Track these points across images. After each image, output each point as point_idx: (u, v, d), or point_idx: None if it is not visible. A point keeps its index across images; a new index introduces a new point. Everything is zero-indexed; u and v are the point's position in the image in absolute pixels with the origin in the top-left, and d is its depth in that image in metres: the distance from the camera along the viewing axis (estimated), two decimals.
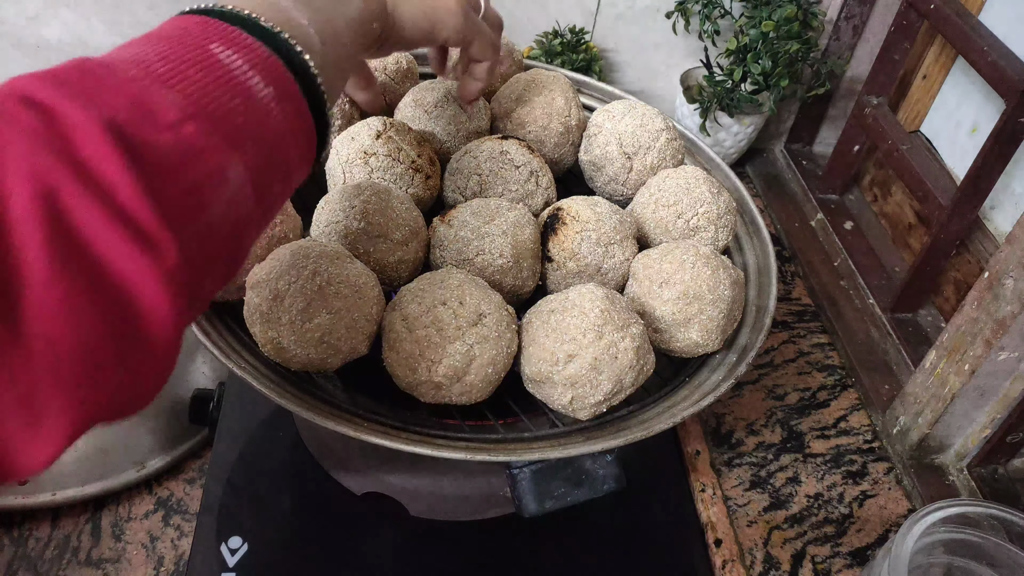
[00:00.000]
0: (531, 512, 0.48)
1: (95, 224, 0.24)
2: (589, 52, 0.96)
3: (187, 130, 0.27)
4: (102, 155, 0.24)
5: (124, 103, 0.26)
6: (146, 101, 0.27)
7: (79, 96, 0.25)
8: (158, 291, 0.25)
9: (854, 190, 1.01)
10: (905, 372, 0.78)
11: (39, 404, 0.23)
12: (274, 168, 0.32)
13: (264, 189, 0.31)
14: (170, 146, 0.26)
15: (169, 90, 0.28)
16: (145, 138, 0.26)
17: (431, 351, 0.47)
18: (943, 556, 0.55)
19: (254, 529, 0.59)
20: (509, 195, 0.59)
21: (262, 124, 0.31)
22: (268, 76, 0.31)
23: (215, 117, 0.29)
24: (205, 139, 0.28)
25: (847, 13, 0.95)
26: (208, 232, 0.28)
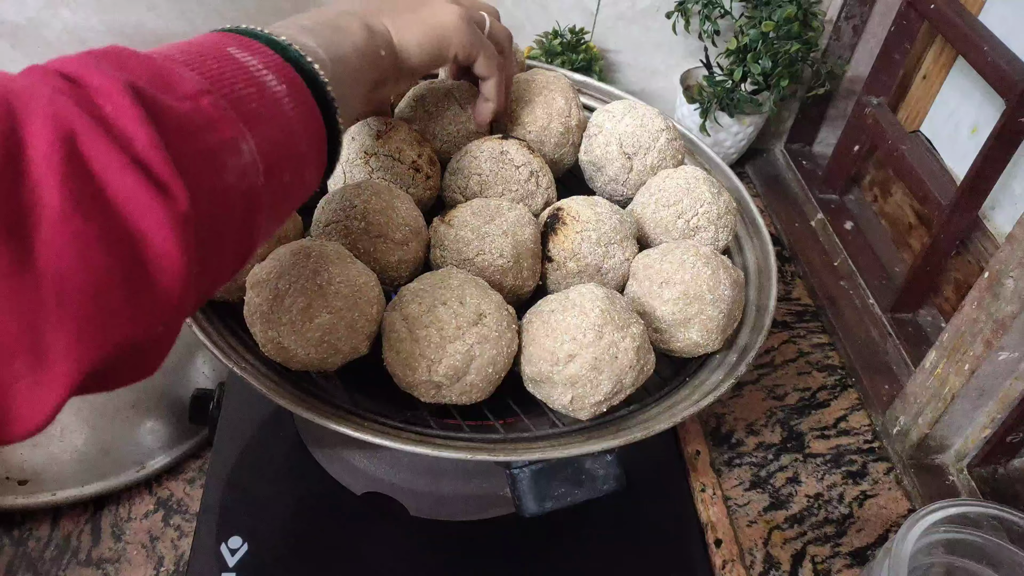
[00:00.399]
0: (531, 512, 0.48)
1: (111, 166, 0.25)
2: (589, 52, 0.96)
3: (203, 102, 0.29)
4: (122, 110, 0.26)
5: (145, 74, 0.28)
6: (165, 75, 0.29)
7: (103, 66, 0.27)
8: (168, 235, 0.26)
9: (854, 190, 1.01)
10: (905, 372, 0.78)
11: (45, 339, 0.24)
12: (284, 154, 0.33)
13: (275, 172, 0.33)
14: (187, 113, 0.28)
15: (188, 69, 0.30)
16: (164, 102, 0.27)
17: (431, 351, 0.47)
18: (943, 556, 0.55)
19: (254, 529, 0.59)
20: (509, 195, 0.59)
21: (274, 112, 0.32)
22: (281, 76, 0.34)
23: (230, 97, 0.30)
24: (220, 112, 0.29)
25: (847, 13, 0.95)
26: (220, 194, 0.29)
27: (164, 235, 0.26)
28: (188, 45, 0.33)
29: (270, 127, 0.32)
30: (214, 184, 0.29)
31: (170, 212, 0.26)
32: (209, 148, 0.29)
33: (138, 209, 0.25)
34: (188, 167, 0.27)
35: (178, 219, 0.26)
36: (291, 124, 0.34)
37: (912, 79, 0.91)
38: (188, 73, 0.30)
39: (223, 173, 0.29)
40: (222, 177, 0.29)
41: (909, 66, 0.90)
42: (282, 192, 0.34)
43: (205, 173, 0.28)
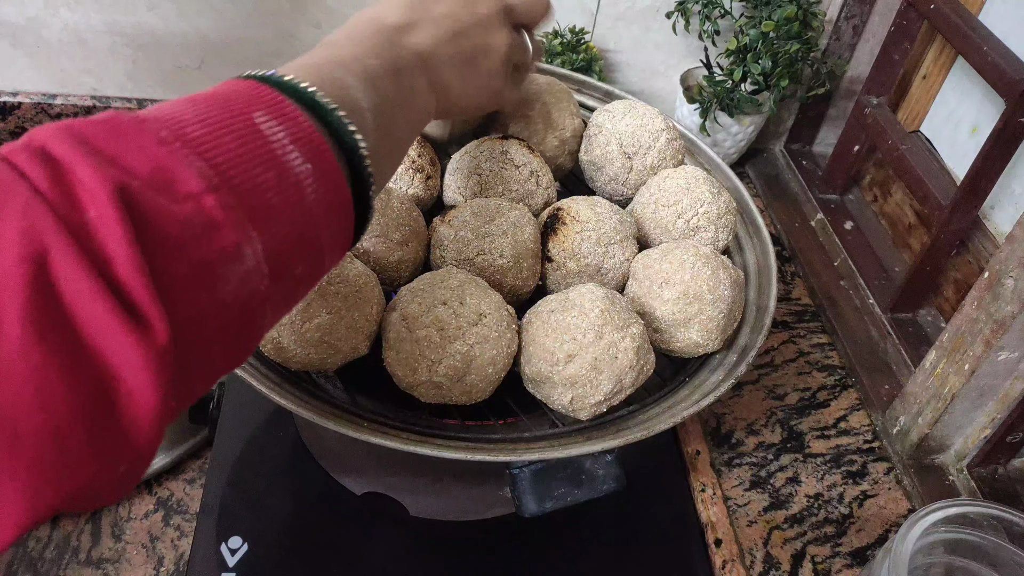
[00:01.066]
0: (531, 512, 0.48)
1: (82, 293, 0.22)
2: (589, 52, 0.96)
3: (207, 202, 0.26)
4: (105, 221, 0.23)
5: (144, 167, 0.25)
6: (168, 167, 0.25)
7: (97, 155, 0.24)
8: (142, 372, 0.23)
9: (854, 190, 1.01)
10: (905, 372, 0.78)
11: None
12: (299, 249, 0.30)
13: (284, 270, 0.29)
14: (184, 218, 0.25)
15: (197, 156, 0.26)
16: (158, 208, 0.24)
17: (431, 351, 0.47)
18: (943, 556, 0.55)
19: (254, 529, 0.59)
20: (509, 195, 0.59)
21: (292, 201, 0.29)
22: (309, 152, 0.30)
23: (241, 191, 0.27)
24: (225, 213, 0.26)
25: (847, 13, 0.95)
26: (212, 312, 0.26)
27: (137, 373, 0.23)
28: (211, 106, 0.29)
29: (284, 221, 0.29)
30: (207, 300, 0.26)
31: (145, 348, 0.23)
32: (205, 259, 0.25)
33: (109, 343, 0.22)
34: (177, 285, 0.25)
35: (154, 355, 0.23)
36: (311, 212, 0.30)
37: (912, 79, 0.91)
38: (196, 163, 0.26)
39: (219, 286, 0.26)
40: (217, 291, 0.26)
41: (909, 66, 0.90)
42: (293, 286, 0.31)
43: (197, 289, 0.25)
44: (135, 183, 0.24)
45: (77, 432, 0.22)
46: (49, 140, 0.24)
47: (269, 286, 0.28)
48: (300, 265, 0.31)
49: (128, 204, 0.24)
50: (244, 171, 0.27)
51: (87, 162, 0.24)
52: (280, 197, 0.28)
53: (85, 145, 0.24)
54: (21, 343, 0.21)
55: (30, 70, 0.94)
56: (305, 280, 0.32)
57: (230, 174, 0.27)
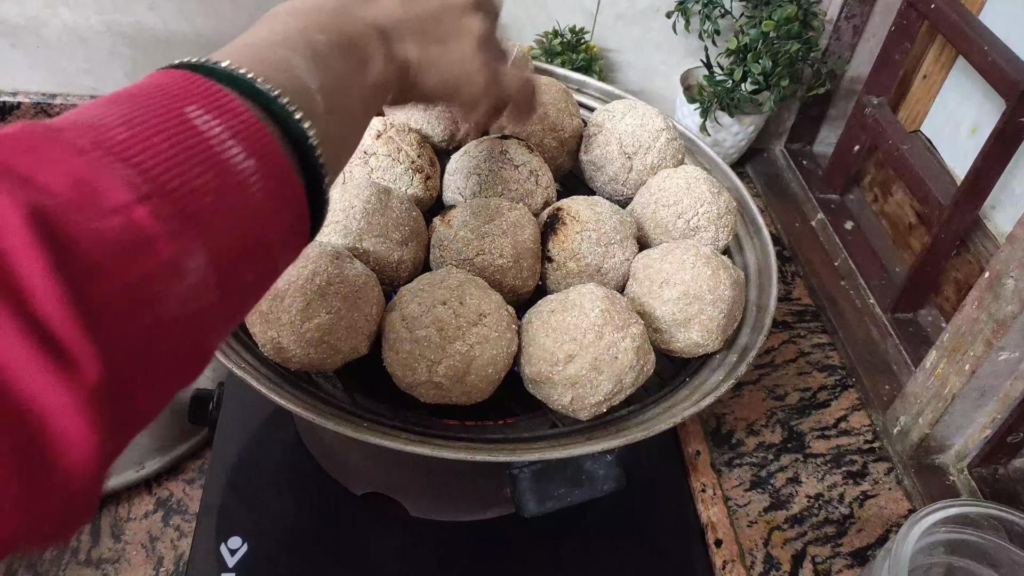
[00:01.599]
0: (531, 512, 0.48)
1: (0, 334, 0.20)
2: (589, 52, 0.96)
3: (137, 214, 0.23)
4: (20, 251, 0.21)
5: (61, 183, 0.22)
6: (91, 180, 0.23)
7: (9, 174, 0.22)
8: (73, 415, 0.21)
9: (854, 190, 1.01)
10: (905, 372, 0.78)
11: None
12: (247, 254, 0.28)
13: (232, 279, 0.27)
14: (112, 235, 0.23)
15: (123, 164, 0.24)
16: (81, 228, 0.22)
17: (431, 351, 0.47)
18: (943, 556, 0.55)
19: (254, 529, 0.59)
20: (509, 195, 0.59)
21: (236, 203, 0.27)
22: (252, 146, 0.27)
23: (176, 196, 0.24)
24: (159, 224, 0.24)
25: (847, 13, 0.95)
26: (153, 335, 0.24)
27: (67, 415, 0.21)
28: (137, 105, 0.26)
29: (229, 226, 0.26)
30: (146, 323, 0.24)
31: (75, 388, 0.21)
32: (141, 278, 0.23)
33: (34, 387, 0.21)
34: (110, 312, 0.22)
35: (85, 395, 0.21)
36: (258, 212, 0.28)
37: (912, 79, 0.91)
38: (122, 171, 0.23)
39: (160, 305, 0.24)
40: (157, 311, 0.24)
41: (909, 66, 0.90)
42: (244, 295, 0.29)
43: (134, 313, 0.23)
44: (52, 202, 0.22)
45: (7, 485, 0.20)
46: None
47: (218, 299, 0.26)
48: (250, 272, 0.28)
49: (45, 228, 0.21)
50: (179, 175, 0.25)
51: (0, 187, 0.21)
52: (222, 200, 0.26)
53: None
54: None
55: (30, 70, 0.94)
56: (257, 287, 0.30)
57: (162, 179, 0.24)
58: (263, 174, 0.27)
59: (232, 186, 0.26)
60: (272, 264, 0.30)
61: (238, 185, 0.27)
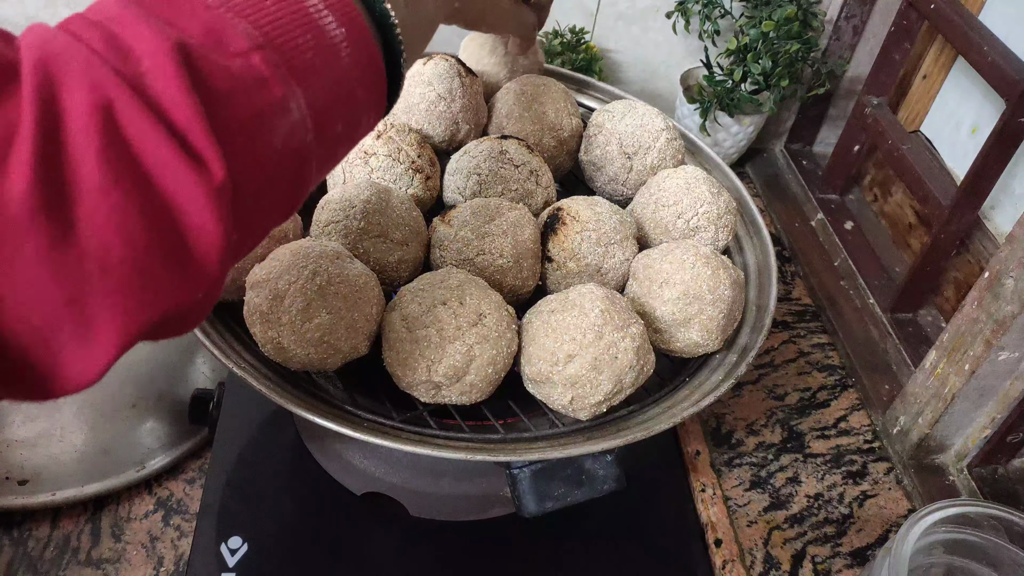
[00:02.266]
0: (531, 512, 0.48)
1: (147, 138, 0.25)
2: (589, 52, 0.96)
3: (254, 60, 0.28)
4: (164, 75, 0.25)
5: (197, 28, 0.27)
6: (218, 28, 0.28)
7: (152, 18, 0.27)
8: (204, 208, 0.26)
9: (854, 190, 1.01)
10: (905, 372, 0.78)
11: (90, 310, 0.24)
12: (338, 107, 0.32)
13: (326, 126, 0.32)
14: (236, 73, 0.27)
15: (242, 20, 0.29)
16: (212, 62, 0.27)
17: (431, 351, 0.47)
18: (943, 556, 0.55)
19: (254, 529, 0.59)
20: (509, 194, 0.59)
21: (330, 62, 0.31)
22: (342, 18, 0.32)
23: (283, 50, 0.29)
24: (271, 70, 0.28)
25: (847, 13, 0.95)
26: (265, 158, 0.29)
27: (200, 209, 0.26)
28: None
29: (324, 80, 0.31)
30: (260, 148, 0.29)
31: (205, 185, 0.26)
32: (257, 110, 0.28)
33: (174, 182, 0.25)
34: (233, 132, 0.27)
35: (213, 192, 0.26)
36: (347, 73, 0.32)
37: (912, 79, 0.91)
38: (241, 25, 0.29)
39: (270, 135, 0.29)
40: (269, 140, 0.29)
41: (909, 66, 0.90)
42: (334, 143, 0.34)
43: (251, 137, 0.28)
44: (190, 41, 0.27)
45: (156, 262, 0.25)
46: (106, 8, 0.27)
47: (314, 140, 0.31)
48: (340, 123, 0.33)
49: (187, 58, 0.26)
50: (285, 32, 0.30)
51: (144, 24, 0.26)
52: (319, 57, 0.31)
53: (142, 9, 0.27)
54: (102, 185, 0.24)
55: None
56: (344, 140, 0.34)
57: (273, 35, 0.29)
58: (351, 41, 0.32)
59: (326, 47, 0.31)
60: (356, 121, 0.35)
61: (331, 47, 0.31)
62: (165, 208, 0.25)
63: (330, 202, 0.54)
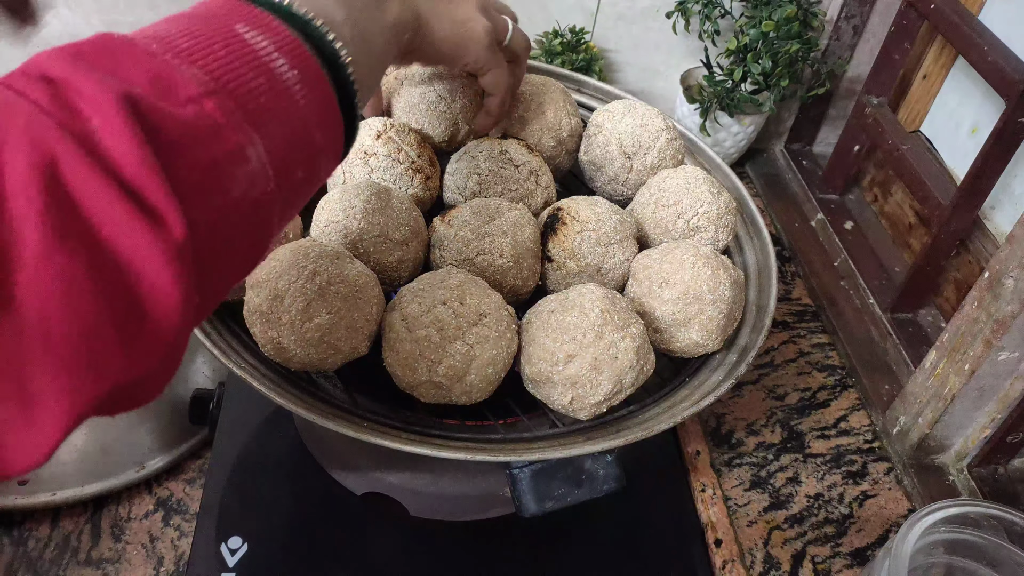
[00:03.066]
0: (531, 512, 0.48)
1: (96, 196, 0.23)
2: (589, 52, 0.96)
3: (207, 106, 0.27)
4: (112, 127, 0.24)
5: (143, 77, 0.26)
6: (166, 76, 0.26)
7: (96, 69, 0.25)
8: (162, 267, 0.24)
9: (854, 190, 1.01)
10: (905, 372, 0.78)
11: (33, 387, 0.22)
12: (297, 152, 0.31)
13: (286, 172, 0.31)
14: (188, 121, 0.26)
15: (191, 65, 0.27)
16: (163, 111, 0.25)
17: (431, 351, 0.47)
18: (943, 556, 0.55)
19: (254, 529, 0.59)
20: (509, 194, 0.59)
21: (285, 106, 0.30)
22: (294, 60, 0.31)
23: (236, 95, 0.28)
24: (225, 116, 0.27)
25: (847, 13, 0.95)
26: (224, 212, 0.27)
27: (157, 269, 0.24)
28: (191, 22, 0.30)
29: (281, 124, 0.30)
30: (218, 200, 0.27)
31: (163, 244, 0.24)
32: (213, 160, 0.26)
33: (128, 242, 0.23)
34: (188, 185, 0.25)
35: (172, 250, 0.24)
36: (304, 117, 0.31)
37: (912, 79, 0.91)
38: (191, 70, 0.27)
39: (229, 186, 0.27)
40: (227, 190, 0.27)
41: (909, 66, 0.90)
42: (295, 190, 0.32)
43: (208, 189, 0.26)
44: (137, 90, 0.25)
45: (106, 331, 0.23)
46: (46, 63, 0.25)
47: (275, 188, 0.30)
48: (300, 169, 0.32)
49: (134, 108, 0.24)
50: (237, 77, 0.28)
51: (87, 76, 0.24)
52: (274, 101, 0.29)
53: (83, 62, 0.25)
54: (44, 248, 0.22)
55: None
56: (304, 186, 0.33)
57: (224, 79, 0.28)
58: (305, 83, 0.31)
59: (281, 91, 0.30)
60: (316, 165, 0.34)
61: (285, 90, 0.30)
62: (118, 271, 0.23)
63: (330, 202, 0.54)
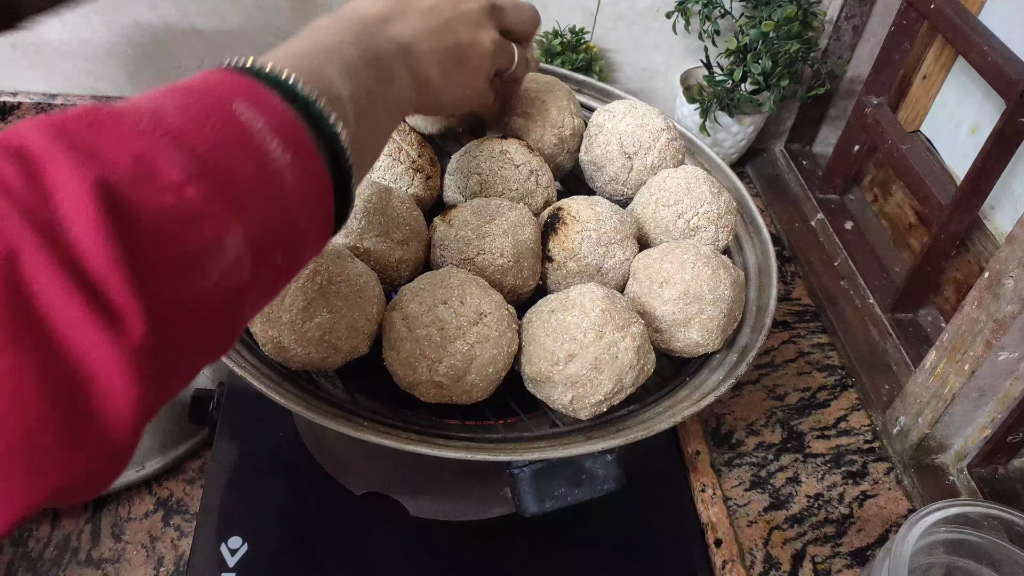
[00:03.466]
0: (531, 512, 0.48)
1: (55, 293, 0.22)
2: (589, 52, 0.96)
3: (188, 193, 0.26)
4: (82, 217, 0.23)
5: (125, 158, 0.25)
6: (149, 157, 0.25)
7: (77, 149, 0.24)
8: (118, 371, 0.23)
9: (854, 190, 1.01)
10: (905, 372, 0.78)
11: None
12: (279, 239, 0.30)
13: (265, 261, 0.29)
14: (166, 210, 0.25)
15: (177, 147, 0.26)
16: (140, 199, 0.24)
17: (431, 350, 0.47)
18: (943, 556, 0.55)
19: (254, 529, 0.59)
20: (509, 194, 0.59)
21: (273, 192, 0.29)
22: (289, 142, 0.30)
23: (221, 180, 0.27)
24: (206, 204, 0.26)
25: (847, 13, 0.95)
26: (194, 303, 0.26)
27: (113, 372, 0.23)
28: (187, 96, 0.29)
29: (265, 211, 0.29)
30: (188, 293, 0.26)
31: (120, 346, 0.23)
32: (188, 251, 0.25)
33: (84, 344, 0.22)
34: (158, 278, 0.24)
35: (130, 353, 0.23)
36: (292, 202, 0.30)
37: (912, 79, 0.91)
38: (176, 152, 0.26)
39: (201, 278, 0.26)
40: (199, 282, 0.26)
41: (909, 66, 0.90)
42: (273, 277, 0.31)
43: (178, 282, 0.25)
44: (115, 175, 0.24)
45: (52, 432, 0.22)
46: (27, 136, 0.24)
47: (250, 277, 0.28)
48: (280, 255, 0.31)
49: (109, 197, 0.23)
50: (225, 160, 0.27)
51: (65, 157, 0.23)
52: (261, 187, 0.29)
53: (64, 139, 0.24)
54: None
55: (30, 70, 0.94)
56: (285, 271, 0.32)
57: (211, 163, 0.27)
58: (297, 168, 0.30)
59: (270, 175, 0.29)
60: (300, 251, 0.33)
61: (275, 175, 0.29)
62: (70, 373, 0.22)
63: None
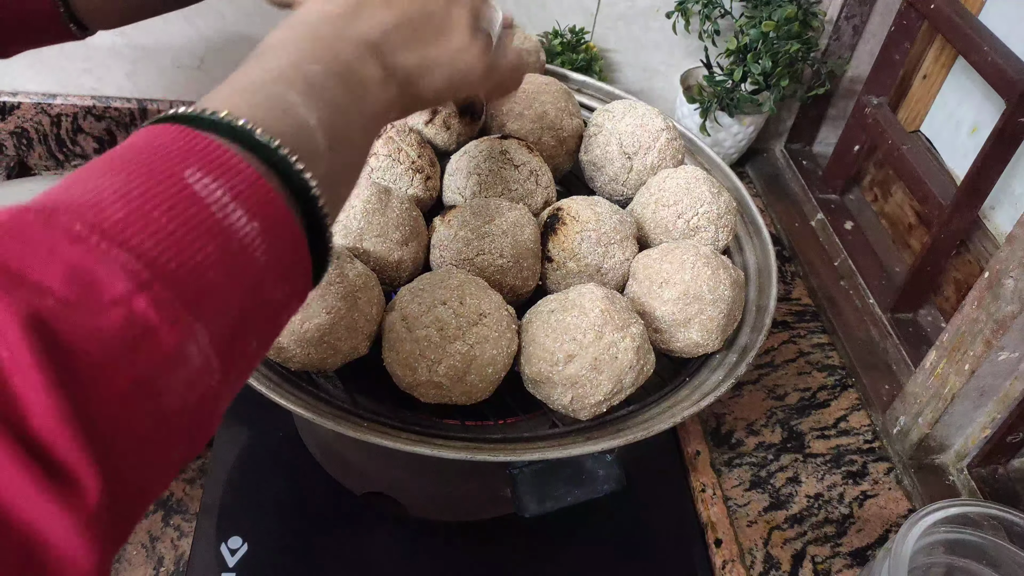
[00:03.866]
0: (531, 512, 0.48)
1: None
2: (589, 52, 0.96)
3: (138, 305, 0.22)
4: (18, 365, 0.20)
5: (59, 274, 0.21)
6: (88, 271, 0.22)
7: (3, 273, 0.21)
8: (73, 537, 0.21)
9: (854, 190, 1.01)
10: (905, 372, 0.78)
11: None
12: (251, 325, 0.27)
13: (235, 354, 0.26)
14: (113, 332, 0.22)
15: (121, 248, 0.22)
16: (80, 328, 0.21)
17: (431, 351, 0.47)
18: (943, 556, 0.55)
19: (254, 529, 0.59)
20: (509, 195, 0.59)
21: (237, 272, 0.26)
22: (254, 206, 0.26)
23: (177, 279, 0.23)
24: (161, 313, 0.23)
25: (847, 13, 0.95)
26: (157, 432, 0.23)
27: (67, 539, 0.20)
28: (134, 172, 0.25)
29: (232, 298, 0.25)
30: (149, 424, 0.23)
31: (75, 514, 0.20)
32: (144, 373, 0.22)
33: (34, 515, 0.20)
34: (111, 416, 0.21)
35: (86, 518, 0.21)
36: (263, 278, 0.27)
37: (912, 79, 0.91)
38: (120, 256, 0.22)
39: (163, 398, 0.23)
40: (161, 404, 0.23)
41: (909, 66, 0.90)
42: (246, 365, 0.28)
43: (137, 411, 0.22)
44: (47, 303, 0.21)
45: None
46: None
47: (220, 377, 0.25)
48: (253, 339, 0.28)
49: (44, 335, 0.20)
50: (180, 251, 0.24)
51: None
52: (224, 272, 0.25)
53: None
54: None
55: (30, 70, 0.94)
56: (259, 352, 0.29)
57: (162, 260, 0.23)
58: (266, 234, 0.26)
59: (234, 252, 0.25)
60: (275, 325, 0.30)
61: (240, 251, 0.26)
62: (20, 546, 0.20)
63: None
